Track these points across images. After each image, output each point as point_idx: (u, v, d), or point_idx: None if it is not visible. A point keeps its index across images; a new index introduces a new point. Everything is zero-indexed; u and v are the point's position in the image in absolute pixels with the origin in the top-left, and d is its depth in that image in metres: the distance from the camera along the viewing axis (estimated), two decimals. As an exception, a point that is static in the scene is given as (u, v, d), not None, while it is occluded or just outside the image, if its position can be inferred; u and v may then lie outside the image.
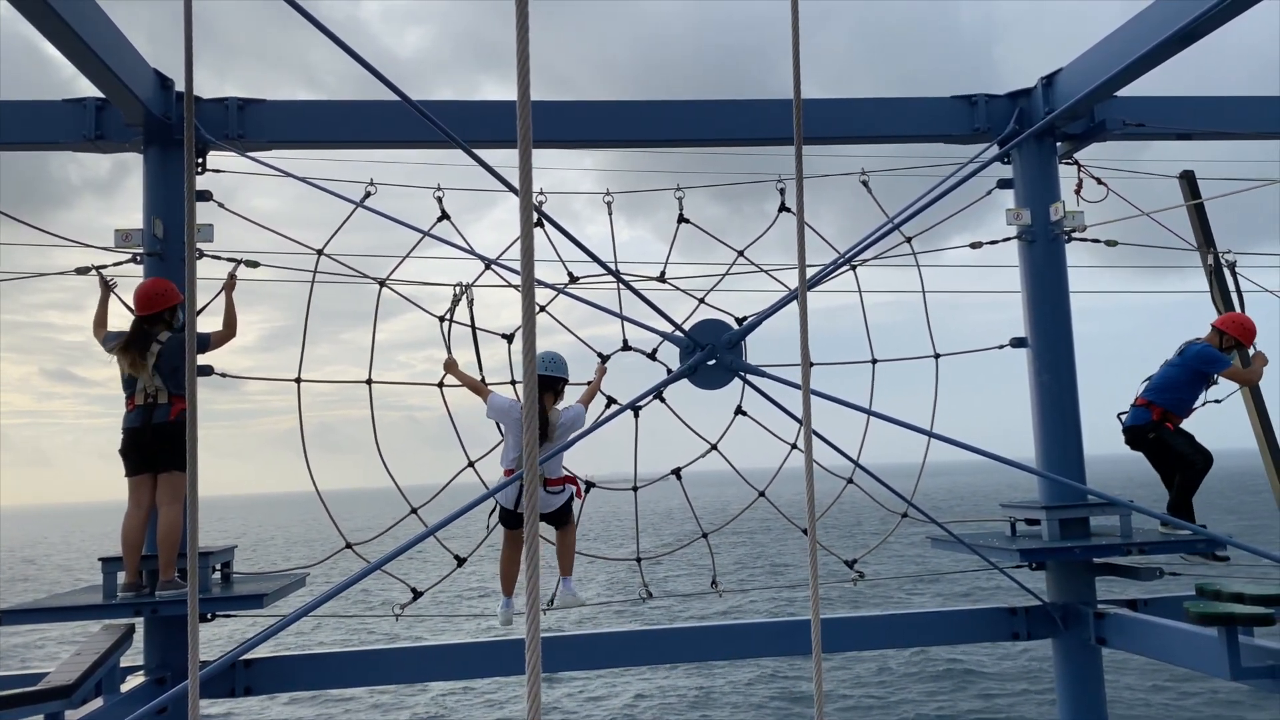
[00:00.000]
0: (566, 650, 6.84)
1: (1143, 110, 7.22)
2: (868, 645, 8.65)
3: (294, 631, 27.54)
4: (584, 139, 7.28)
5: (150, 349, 6.10)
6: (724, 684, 20.82)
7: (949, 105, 7.43)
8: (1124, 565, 6.93)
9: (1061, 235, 7.28)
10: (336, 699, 19.70)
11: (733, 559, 41.53)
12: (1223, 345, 7.26)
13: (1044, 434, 7.24)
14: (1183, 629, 5.80)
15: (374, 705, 19.71)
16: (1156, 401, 7.21)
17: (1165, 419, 7.16)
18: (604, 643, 7.08)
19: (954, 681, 19.94)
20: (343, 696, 19.70)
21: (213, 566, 6.40)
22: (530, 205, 1.21)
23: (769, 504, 7.31)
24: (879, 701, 18.74)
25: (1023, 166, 7.42)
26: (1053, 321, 7.26)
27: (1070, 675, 7.08)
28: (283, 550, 58.98)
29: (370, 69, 3.51)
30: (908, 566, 31.90)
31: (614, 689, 20.53)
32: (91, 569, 8.39)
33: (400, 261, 7.10)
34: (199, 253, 6.71)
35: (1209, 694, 17.63)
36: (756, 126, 7.29)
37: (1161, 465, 7.22)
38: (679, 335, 4.52)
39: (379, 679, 6.71)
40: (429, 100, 6.22)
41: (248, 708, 19.28)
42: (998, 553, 6.73)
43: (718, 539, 7.26)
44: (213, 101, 6.73)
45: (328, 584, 6.51)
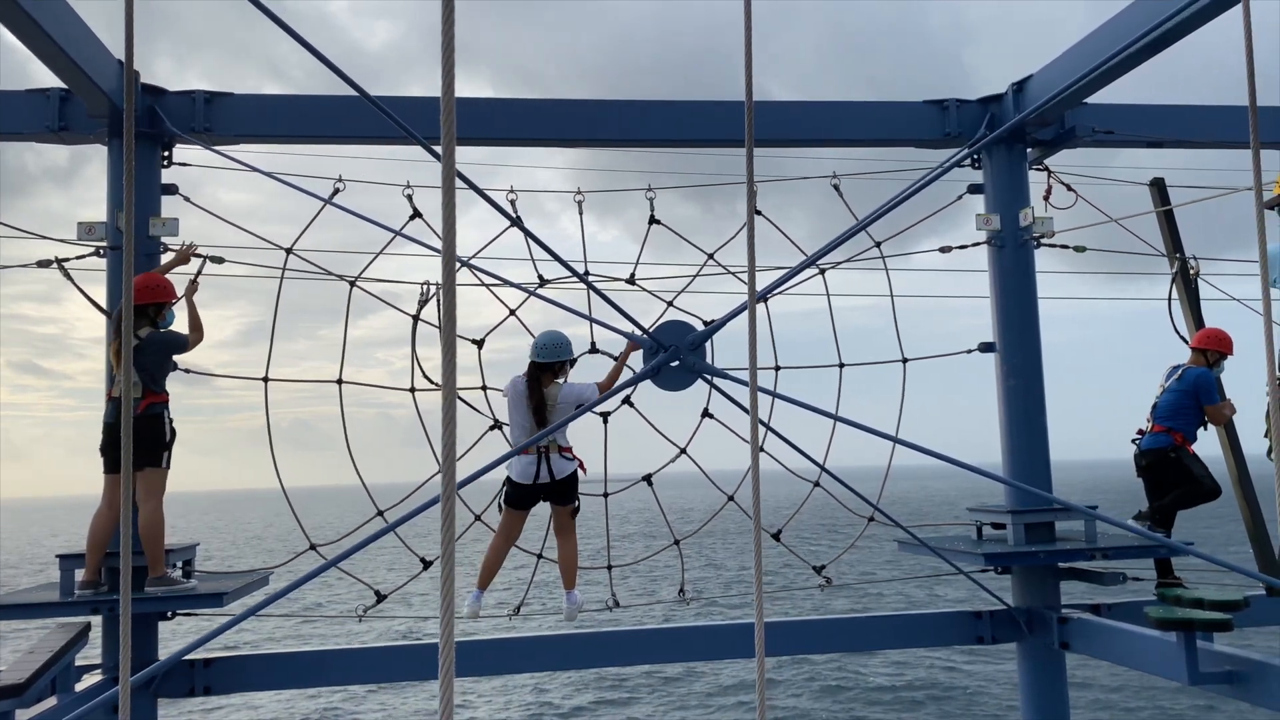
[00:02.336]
0: (489, 653, 6.83)
1: (1112, 118, 7.27)
2: (831, 648, 8.69)
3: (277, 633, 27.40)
4: (553, 137, 7.26)
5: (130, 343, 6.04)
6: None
7: (921, 110, 7.46)
8: (1089, 570, 6.97)
9: (1030, 241, 7.31)
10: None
11: (703, 562, 41.35)
12: (1209, 363, 7.24)
13: (1011, 439, 7.27)
14: (1143, 634, 5.84)
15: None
16: (1175, 427, 7.08)
17: (1184, 443, 7.10)
18: (540, 646, 7.08)
19: (925, 691, 20.00)
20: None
21: (173, 564, 6.33)
22: (452, 170, 1.19)
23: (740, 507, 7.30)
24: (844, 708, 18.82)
25: (993, 172, 7.45)
26: (1020, 327, 7.30)
27: (1034, 679, 7.11)
28: (259, 547, 58.56)
29: (327, 62, 3.48)
30: (882, 570, 32.02)
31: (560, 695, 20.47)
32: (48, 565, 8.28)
33: (371, 261, 7.06)
34: (164, 247, 6.65)
35: (1171, 697, 17.81)
36: (724, 128, 7.27)
37: (1167, 486, 7.05)
38: (642, 337, 4.50)
39: (341, 679, 6.67)
40: (399, 96, 6.17)
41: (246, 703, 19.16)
42: (963, 557, 6.75)
43: (689, 544, 7.25)
44: (179, 94, 6.65)
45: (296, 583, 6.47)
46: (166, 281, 6.20)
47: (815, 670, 21.18)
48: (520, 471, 6.23)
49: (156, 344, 6.02)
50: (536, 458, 6.19)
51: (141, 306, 6.12)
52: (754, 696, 19.74)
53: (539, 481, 6.21)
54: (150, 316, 6.17)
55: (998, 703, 18.53)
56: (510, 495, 6.34)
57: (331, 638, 27.21)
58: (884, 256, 7.54)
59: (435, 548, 6.42)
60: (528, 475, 6.22)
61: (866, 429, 4.48)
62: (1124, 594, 7.38)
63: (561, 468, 6.23)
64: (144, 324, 6.12)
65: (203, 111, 6.64)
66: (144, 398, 5.99)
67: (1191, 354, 7.34)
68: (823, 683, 20.60)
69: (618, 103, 7.32)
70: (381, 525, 6.15)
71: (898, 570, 30.16)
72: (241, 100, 6.75)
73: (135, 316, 6.11)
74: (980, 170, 7.56)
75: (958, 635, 7.21)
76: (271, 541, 61.18)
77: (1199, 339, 7.39)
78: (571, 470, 6.31)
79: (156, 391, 6.06)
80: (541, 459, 6.19)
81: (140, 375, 5.98)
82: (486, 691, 20.56)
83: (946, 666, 21.37)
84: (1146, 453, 7.19)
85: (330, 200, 6.43)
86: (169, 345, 6.10)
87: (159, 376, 6.06)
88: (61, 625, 5.80)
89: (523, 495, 6.30)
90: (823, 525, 49.27)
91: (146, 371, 5.98)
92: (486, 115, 7.12)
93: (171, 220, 6.60)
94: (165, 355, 6.10)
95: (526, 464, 6.19)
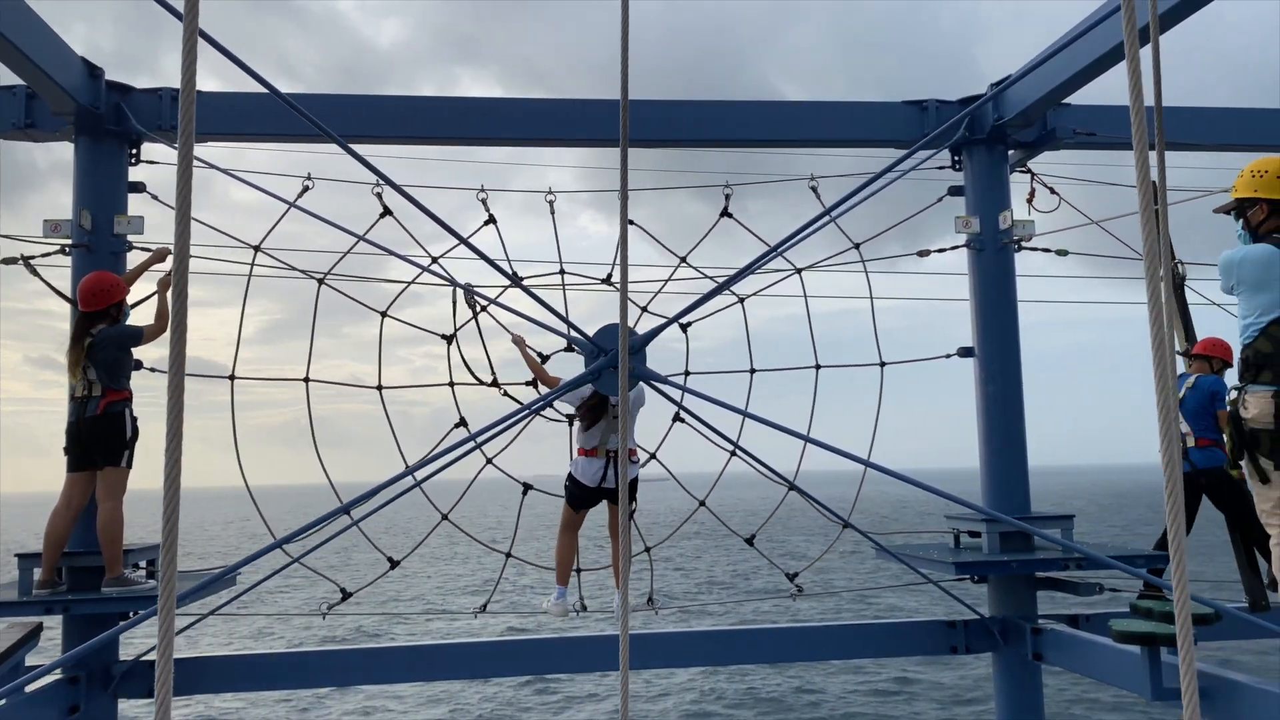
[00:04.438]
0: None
1: (1094, 119, 7.13)
2: (806, 657, 8.56)
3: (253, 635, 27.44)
4: (559, 136, 7.21)
5: (83, 342, 6.01)
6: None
7: (900, 110, 7.34)
8: (1065, 580, 6.83)
9: (1010, 244, 7.18)
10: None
11: (673, 566, 40.95)
12: (1215, 370, 7.04)
13: (989, 444, 7.14)
14: (1113, 647, 5.69)
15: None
16: (1219, 440, 6.62)
17: None
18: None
19: (898, 696, 19.79)
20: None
21: (135, 564, 6.30)
22: (189, 159, 1.11)
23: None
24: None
25: (973, 174, 7.32)
26: (999, 331, 7.17)
27: (1009, 690, 6.98)
28: (264, 542, 58.53)
29: (242, 65, 3.41)
30: (861, 578, 31.66)
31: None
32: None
33: (339, 260, 7.00)
34: (129, 245, 6.62)
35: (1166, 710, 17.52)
36: (730, 128, 7.22)
37: (1235, 504, 6.51)
38: (582, 340, 4.41)
39: (305, 681, 6.61)
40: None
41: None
42: (936, 565, 6.63)
43: (666, 550, 7.16)
44: (146, 92, 6.63)
45: (262, 580, 6.44)
46: (115, 280, 6.15)
47: (808, 679, 20.98)
48: (587, 474, 6.25)
49: (109, 339, 5.96)
50: (604, 461, 6.22)
51: (103, 309, 6.09)
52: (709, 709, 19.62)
53: (604, 485, 6.24)
54: (113, 315, 6.14)
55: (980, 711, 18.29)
56: (574, 495, 6.35)
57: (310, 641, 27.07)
58: (864, 260, 7.43)
59: (407, 545, 6.40)
60: (593, 478, 6.24)
61: (783, 430, 4.38)
62: (1114, 604, 7.24)
63: (630, 472, 6.24)
64: (106, 324, 6.08)
65: (170, 109, 6.61)
66: (104, 396, 5.95)
67: (1195, 362, 7.11)
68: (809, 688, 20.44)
69: (615, 102, 7.24)
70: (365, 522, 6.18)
71: (881, 577, 29.89)
72: (210, 98, 6.70)
73: (95, 317, 6.08)
74: (961, 172, 7.44)
75: (932, 645, 7.08)
76: (255, 540, 61.29)
77: (1207, 346, 7.16)
78: (635, 473, 6.37)
79: (116, 389, 6.01)
80: (609, 463, 6.22)
81: (97, 372, 5.94)
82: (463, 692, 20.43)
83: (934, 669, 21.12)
84: (1205, 471, 6.63)
85: (294, 202, 6.36)
86: (123, 339, 6.04)
87: (116, 373, 6.00)
88: (12, 625, 5.78)
89: (586, 495, 6.31)
90: (803, 530, 48.62)
91: (103, 368, 5.94)
92: (496, 115, 7.14)
93: (137, 218, 6.57)
94: (120, 350, 6.03)
95: (593, 466, 6.22)
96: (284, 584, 27.79)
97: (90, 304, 6.04)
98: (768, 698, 19.78)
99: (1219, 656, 13.70)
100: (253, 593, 6.96)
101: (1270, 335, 4.41)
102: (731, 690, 20.33)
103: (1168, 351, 2.00)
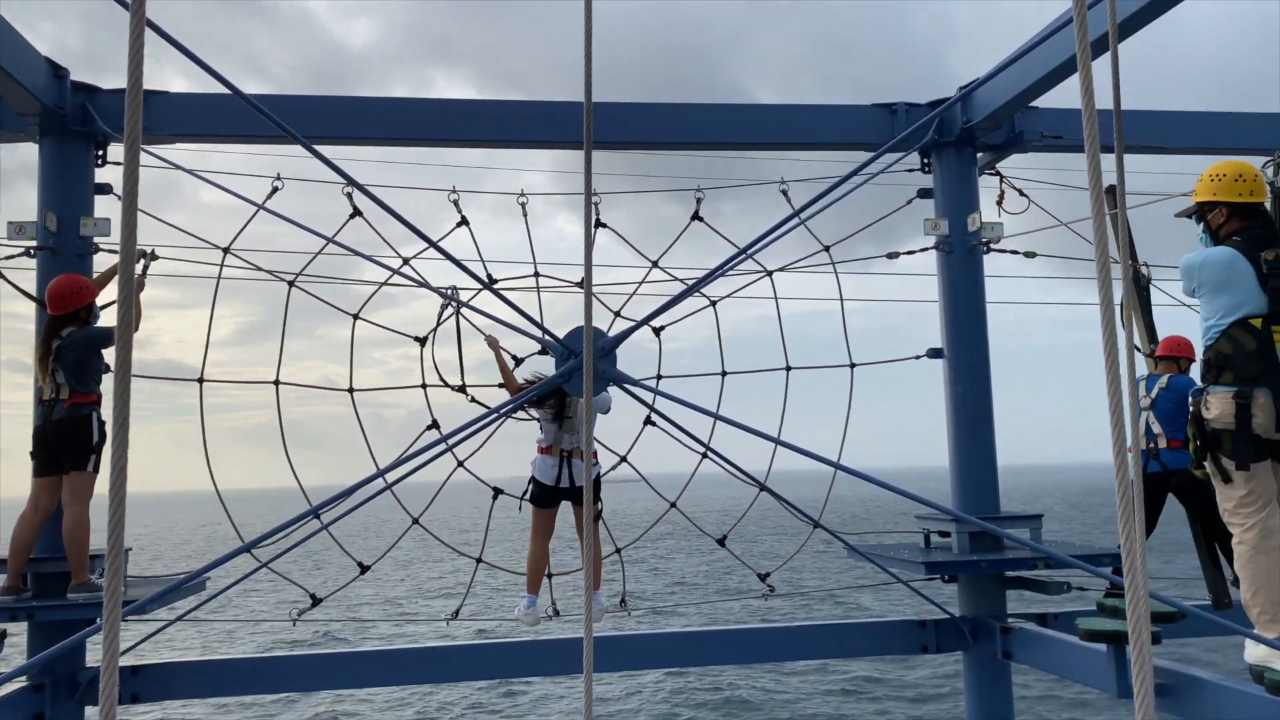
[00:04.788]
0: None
1: (1061, 122, 7.19)
2: (776, 657, 8.60)
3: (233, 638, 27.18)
4: (531, 139, 7.20)
5: (51, 344, 5.94)
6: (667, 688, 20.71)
7: (869, 114, 7.39)
8: (1034, 579, 6.88)
9: (979, 246, 7.24)
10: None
11: (648, 568, 40.84)
12: (1182, 369, 7.07)
13: (958, 444, 7.20)
14: (1080, 645, 5.76)
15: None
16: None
17: None
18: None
19: (863, 695, 19.88)
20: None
21: (101, 570, 6.24)
22: (136, 163, 1.11)
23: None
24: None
25: (942, 176, 7.38)
26: (968, 332, 7.22)
27: (979, 689, 7.03)
28: (208, 548, 57.62)
29: (198, 61, 3.39)
30: (836, 577, 31.72)
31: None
32: None
33: (309, 262, 6.95)
34: (95, 247, 6.55)
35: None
36: (705, 130, 7.25)
37: (1195, 510, 6.57)
38: (551, 342, 4.42)
39: (271, 687, 6.57)
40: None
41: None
42: (906, 565, 6.68)
43: (639, 551, 7.16)
44: (111, 92, 6.55)
45: (230, 585, 6.38)
46: (84, 282, 6.09)
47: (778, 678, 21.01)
48: (545, 472, 6.32)
49: (77, 342, 5.91)
50: (559, 460, 6.27)
51: (72, 312, 6.02)
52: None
53: (560, 485, 6.28)
54: (83, 318, 6.08)
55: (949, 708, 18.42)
56: (535, 494, 6.39)
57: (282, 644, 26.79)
58: (834, 262, 7.47)
59: (377, 550, 6.38)
60: (550, 476, 6.30)
61: (753, 432, 4.40)
62: (1082, 602, 7.31)
63: (582, 472, 6.26)
64: (73, 325, 6.02)
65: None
66: (70, 398, 5.89)
67: (1162, 363, 7.14)
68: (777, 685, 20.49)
69: (601, 105, 7.27)
70: (325, 528, 6.15)
71: (853, 576, 29.97)
72: (176, 99, 6.66)
73: (65, 320, 6.02)
74: (930, 175, 7.49)
75: (903, 645, 7.13)
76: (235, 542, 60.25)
77: (1171, 346, 7.19)
78: (595, 475, 6.36)
79: (84, 392, 5.95)
80: (564, 462, 6.26)
81: (65, 375, 5.88)
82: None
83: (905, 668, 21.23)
84: (1176, 473, 6.57)
85: (263, 205, 6.32)
86: (92, 341, 5.98)
87: (84, 376, 5.94)
88: (-26, 632, 5.70)
89: (546, 495, 6.35)
90: (777, 529, 48.62)
91: (71, 370, 5.88)
92: (468, 116, 7.11)
93: (103, 220, 6.50)
94: (89, 352, 5.97)
95: (549, 464, 6.29)
96: (255, 588, 27.51)
97: (60, 307, 5.97)
98: (737, 698, 19.83)
99: (1186, 654, 13.87)
100: (224, 598, 6.91)
101: (1231, 336, 4.48)
102: (700, 691, 20.37)
103: (1121, 353, 2.03)
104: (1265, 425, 4.39)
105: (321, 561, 36.77)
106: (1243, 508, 4.48)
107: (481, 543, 6.85)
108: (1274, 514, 4.44)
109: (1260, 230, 4.59)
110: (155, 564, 38.40)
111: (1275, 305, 4.45)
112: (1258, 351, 4.40)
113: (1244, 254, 4.51)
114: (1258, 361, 4.39)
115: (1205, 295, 4.61)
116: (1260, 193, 4.70)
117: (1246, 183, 4.67)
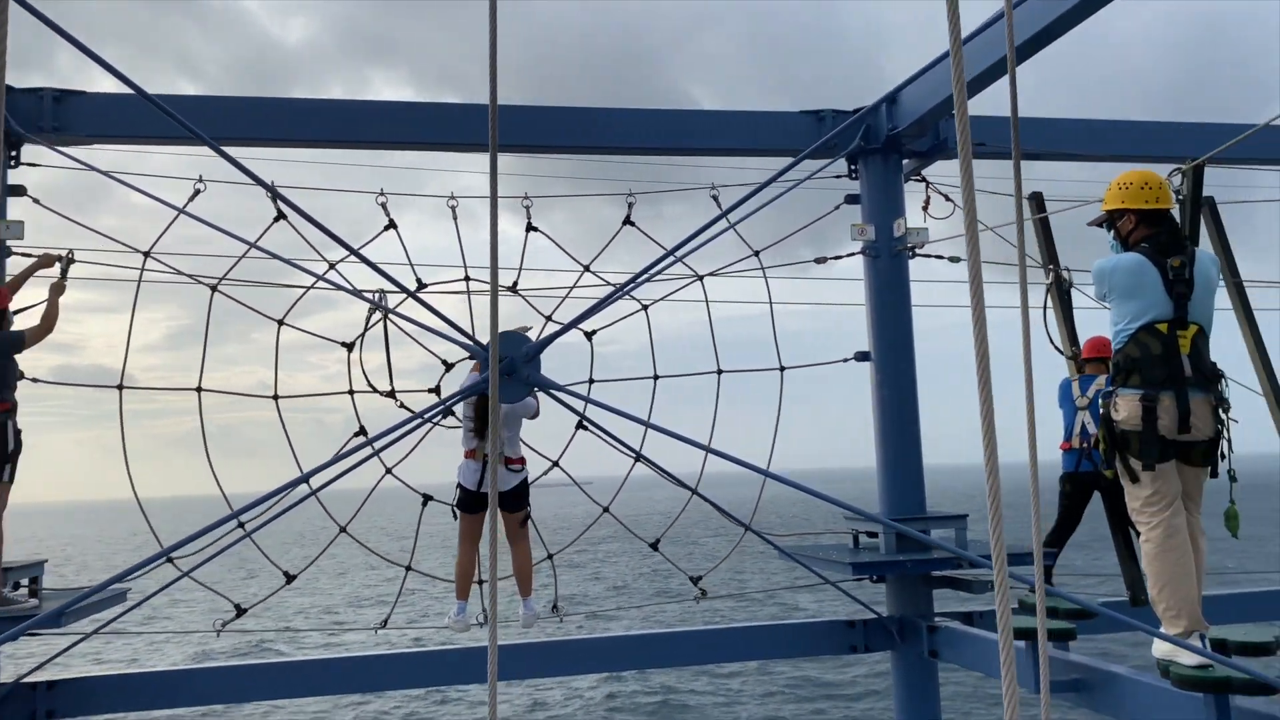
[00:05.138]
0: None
1: (984, 130, 7.32)
2: (708, 659, 8.66)
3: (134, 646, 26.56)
4: (464, 141, 7.18)
5: None
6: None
7: (798, 120, 7.49)
8: (959, 578, 7.01)
9: (904, 251, 7.37)
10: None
11: (587, 573, 40.66)
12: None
13: (884, 446, 7.32)
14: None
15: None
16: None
17: None
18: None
19: (798, 693, 20.08)
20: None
21: (15, 582, 6.07)
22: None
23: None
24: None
25: (868, 182, 7.50)
26: (894, 335, 7.35)
27: (907, 688, 7.15)
28: (135, 558, 56.53)
29: (96, 58, 3.32)
30: (777, 577, 31.93)
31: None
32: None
33: (231, 266, 6.85)
34: (8, 250, 6.38)
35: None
36: (639, 134, 7.29)
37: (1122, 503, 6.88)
38: (476, 348, 4.40)
39: (196, 700, 6.45)
40: (315, 99, 6.02)
41: None
42: (834, 566, 6.76)
43: (579, 555, 7.15)
44: (26, 92, 6.39)
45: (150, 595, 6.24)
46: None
47: (719, 681, 21.10)
48: (468, 477, 6.30)
49: None
50: (482, 465, 6.25)
51: None
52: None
53: (483, 490, 6.25)
54: None
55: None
56: (460, 500, 6.36)
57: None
58: (764, 267, 7.54)
59: (304, 559, 6.27)
60: (473, 480, 6.29)
61: (682, 440, 4.44)
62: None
63: (504, 479, 6.25)
64: None
65: (51, 110, 6.39)
66: None
67: (1089, 364, 7.30)
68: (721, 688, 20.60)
69: (534, 109, 7.28)
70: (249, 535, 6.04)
71: (789, 577, 30.17)
72: (94, 99, 6.52)
73: None
74: (857, 181, 7.61)
75: (832, 645, 7.22)
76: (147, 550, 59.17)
77: (1096, 347, 7.33)
78: (516, 481, 6.33)
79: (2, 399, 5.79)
80: (485, 467, 6.22)
81: None
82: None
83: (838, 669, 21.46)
84: (1093, 475, 6.85)
85: (184, 209, 6.19)
86: (4, 346, 5.82)
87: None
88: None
89: (471, 500, 6.32)
90: (716, 530, 48.68)
91: None
92: (400, 119, 7.08)
93: (16, 223, 6.34)
94: (2, 357, 5.81)
95: (472, 469, 6.28)
96: (186, 598, 26.92)
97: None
98: (675, 702, 19.89)
99: (1113, 650, 14.25)
100: (154, 609, 6.77)
101: (1139, 341, 4.61)
102: (639, 694, 20.39)
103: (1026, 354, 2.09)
104: (1170, 427, 4.53)
105: (255, 570, 36.08)
106: (1149, 507, 4.61)
107: (411, 550, 6.79)
108: (1178, 513, 4.59)
109: (1166, 237, 4.74)
110: (81, 575, 37.32)
111: (1180, 310, 4.60)
112: (1163, 355, 4.54)
113: (1151, 260, 4.65)
114: (1163, 365, 4.54)
115: (1115, 300, 4.74)
116: (1166, 199, 4.85)
117: (1152, 190, 4.82)
